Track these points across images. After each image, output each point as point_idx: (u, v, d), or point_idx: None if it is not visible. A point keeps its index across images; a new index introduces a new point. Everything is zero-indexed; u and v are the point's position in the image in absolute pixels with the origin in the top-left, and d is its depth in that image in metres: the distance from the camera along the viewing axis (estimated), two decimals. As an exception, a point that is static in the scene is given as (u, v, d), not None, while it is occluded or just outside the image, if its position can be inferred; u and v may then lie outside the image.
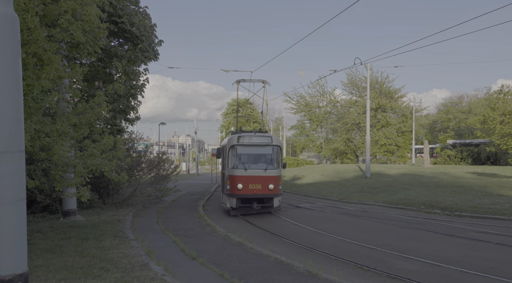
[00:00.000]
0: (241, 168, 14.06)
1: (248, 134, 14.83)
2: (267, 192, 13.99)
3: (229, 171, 14.29)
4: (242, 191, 13.81)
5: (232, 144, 14.34)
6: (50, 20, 7.39)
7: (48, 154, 7.61)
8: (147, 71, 16.08)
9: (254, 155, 14.56)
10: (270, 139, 14.55)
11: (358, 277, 7.17)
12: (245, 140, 14.33)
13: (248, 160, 14.39)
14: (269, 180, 13.96)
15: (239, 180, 13.82)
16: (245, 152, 14.42)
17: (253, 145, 14.43)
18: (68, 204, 12.13)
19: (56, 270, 6.54)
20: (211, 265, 7.36)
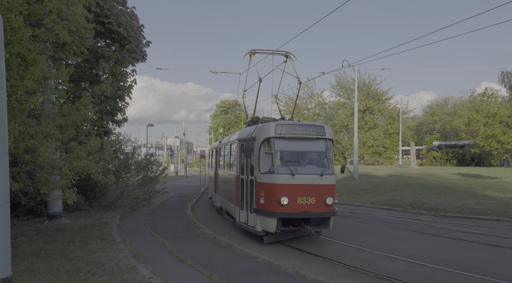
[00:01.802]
0: (285, 173, 9.38)
1: (289, 122, 10.27)
2: (324, 208, 9.48)
3: (261, 177, 9.73)
4: (288, 207, 9.21)
5: (266, 137, 9.82)
6: (34, 20, 7.28)
7: (32, 156, 7.49)
8: (134, 72, 15.95)
9: (301, 154, 10.16)
10: (322, 130, 10.23)
11: (346, 278, 7.21)
12: (287, 131, 9.89)
13: (293, 161, 9.88)
14: (326, 191, 9.56)
15: (283, 191, 9.25)
16: (288, 148, 9.90)
17: (299, 139, 9.99)
18: (53, 207, 11.94)
19: (41, 274, 6.43)
20: (199, 267, 7.32)
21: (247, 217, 10.55)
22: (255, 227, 9.96)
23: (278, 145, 9.80)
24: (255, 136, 10.18)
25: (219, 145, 16.13)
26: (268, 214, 9.43)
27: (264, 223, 9.63)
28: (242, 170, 10.98)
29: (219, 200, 15.37)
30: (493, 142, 41.83)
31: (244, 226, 10.76)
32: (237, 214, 11.26)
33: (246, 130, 11.43)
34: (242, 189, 10.93)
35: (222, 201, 14.63)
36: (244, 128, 12.43)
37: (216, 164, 16.79)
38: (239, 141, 11.32)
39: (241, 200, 10.92)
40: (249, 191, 10.39)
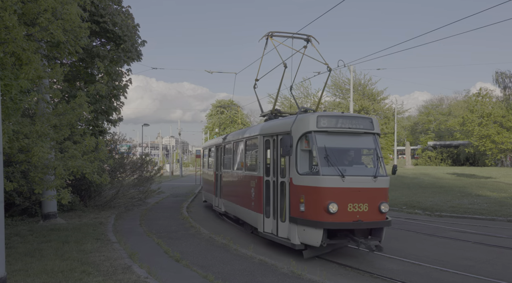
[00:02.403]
0: (333, 175, 7.89)
1: (332, 114, 8.79)
2: (378, 217, 8.05)
3: (300, 179, 8.21)
4: (337, 216, 7.71)
5: (305, 131, 8.31)
6: (29, 19, 7.23)
7: (27, 156, 7.45)
8: (130, 71, 15.90)
9: (348, 151, 8.78)
10: (370, 123, 8.76)
11: (342, 277, 7.24)
12: (330, 124, 8.35)
13: (339, 159, 8.33)
14: (381, 196, 8.15)
15: (332, 196, 7.76)
16: (332, 144, 8.32)
17: (344, 133, 8.50)
18: (48, 207, 11.88)
19: (36, 274, 6.39)
20: (195, 267, 7.31)
21: (276, 226, 9.02)
22: (290, 239, 8.39)
23: (321, 140, 8.21)
24: (291, 130, 8.51)
25: (222, 143, 14.38)
26: (311, 224, 7.87)
27: (304, 234, 8.05)
28: (268, 171, 9.50)
29: (223, 204, 13.75)
30: (488, 142, 42.13)
31: (271, 237, 9.21)
32: (260, 222, 9.56)
33: (273, 123, 9.87)
34: (267, 194, 9.43)
35: (229, 206, 12.95)
36: (265, 122, 10.77)
37: (218, 164, 15.02)
38: (263, 137, 9.76)
39: (266, 206, 9.43)
40: (279, 196, 9.01)
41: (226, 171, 13.63)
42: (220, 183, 14.37)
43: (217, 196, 14.83)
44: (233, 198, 12.39)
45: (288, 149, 8.17)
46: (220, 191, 14.42)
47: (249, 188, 10.49)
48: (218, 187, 14.74)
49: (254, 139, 10.61)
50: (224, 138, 14.33)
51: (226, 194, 13.38)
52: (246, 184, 10.81)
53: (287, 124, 8.96)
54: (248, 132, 11.47)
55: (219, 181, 14.68)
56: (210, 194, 16.29)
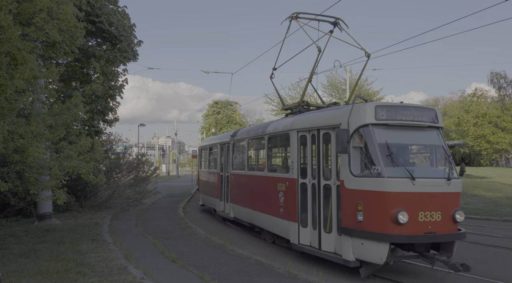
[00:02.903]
0: (400, 177, 6.59)
1: (391, 103, 7.43)
2: (452, 228, 6.83)
3: (356, 182, 6.88)
4: (407, 227, 6.41)
5: (361, 124, 7.00)
6: (24, 19, 7.20)
7: (22, 156, 7.40)
8: (126, 71, 15.88)
9: (412, 149, 7.73)
10: (434, 115, 7.46)
11: (338, 277, 7.25)
12: (390, 115, 7.05)
13: (404, 159, 7.14)
14: (454, 202, 6.95)
15: (400, 203, 6.46)
16: (394, 140, 7.06)
17: (406, 127, 7.21)
18: (43, 207, 11.82)
19: (30, 275, 6.35)
20: (191, 268, 7.30)
21: (318, 238, 7.70)
22: (341, 255, 7.06)
23: (380, 135, 6.91)
24: (348, 122, 7.07)
25: (230, 140, 12.92)
26: (372, 236, 6.53)
27: (362, 249, 6.69)
28: (304, 172, 8.25)
29: (232, 210, 12.33)
30: (483, 142, 42.37)
31: (311, 250, 7.81)
32: (294, 233, 8.20)
33: (313, 116, 8.42)
34: (303, 199, 8.12)
35: (241, 213, 11.51)
36: (298, 115, 9.15)
37: (224, 164, 13.50)
38: (297, 132, 8.43)
39: (302, 214, 8.13)
40: (322, 202, 7.70)
41: (237, 172, 12.12)
42: (228, 186, 12.85)
43: (223, 200, 13.39)
44: (248, 203, 10.90)
45: (345, 145, 6.76)
46: (227, 194, 12.91)
47: (274, 192, 9.13)
48: (224, 190, 13.26)
49: (283, 135, 9.21)
50: (233, 135, 12.75)
51: (237, 198, 11.92)
52: (270, 188, 9.42)
53: (337, 115, 7.49)
54: (272, 127, 9.88)
55: (225, 184, 13.26)
56: (212, 197, 14.77)
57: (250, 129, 11.91)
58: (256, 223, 10.56)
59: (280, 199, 8.90)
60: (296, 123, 8.67)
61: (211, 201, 14.84)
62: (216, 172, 14.17)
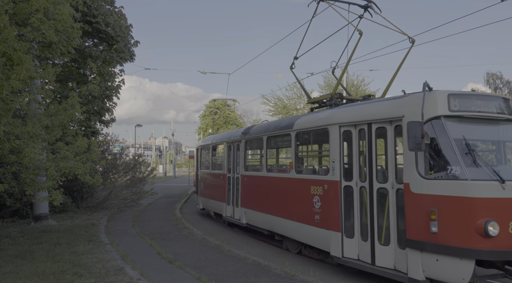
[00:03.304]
0: (486, 179, 5.62)
1: (467, 93, 6.42)
2: None
3: (427, 186, 5.85)
4: (498, 240, 5.37)
5: (432, 116, 5.96)
6: (20, 19, 7.18)
7: (18, 157, 7.38)
8: (122, 72, 15.85)
9: (492, 146, 6.61)
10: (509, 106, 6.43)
11: (335, 278, 7.27)
12: (464, 106, 6.06)
13: (486, 158, 6.27)
14: None
15: (489, 212, 5.45)
16: (473, 136, 6.14)
17: (485, 120, 6.22)
18: (39, 208, 11.77)
19: (27, 277, 6.33)
20: (188, 269, 7.29)
21: (371, 252, 6.62)
22: (408, 273, 5.98)
23: (455, 129, 5.90)
24: (404, 114, 6.16)
25: (241, 138, 11.60)
26: (454, 252, 5.46)
27: (437, 267, 5.66)
28: (349, 173, 7.16)
29: (244, 215, 11.09)
30: (479, 142, 42.50)
31: (361, 265, 6.76)
32: (336, 244, 7.09)
33: (361, 108, 7.18)
34: (348, 205, 7.06)
35: (259, 218, 10.33)
36: (340, 107, 7.89)
37: (233, 165, 12.24)
38: (339, 127, 7.24)
39: (346, 222, 7.05)
40: (376, 209, 6.60)
41: (251, 174, 11.00)
42: (238, 189, 11.63)
43: (231, 205, 12.15)
44: (267, 208, 9.79)
45: (419, 141, 5.59)
46: (237, 198, 11.72)
47: (306, 196, 8.03)
48: (234, 194, 12.04)
49: (318, 131, 8.07)
50: (246, 132, 11.50)
51: (252, 203, 10.69)
52: (299, 191, 8.38)
53: (398, 106, 6.39)
54: (301, 122, 8.65)
55: (234, 187, 12.05)
56: (216, 201, 13.45)
57: (268, 125, 10.59)
58: (277, 230, 9.34)
59: (315, 205, 7.76)
60: (336, 116, 7.49)
61: (216, 205, 13.52)
62: (222, 173, 12.92)
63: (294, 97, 61.38)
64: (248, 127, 11.82)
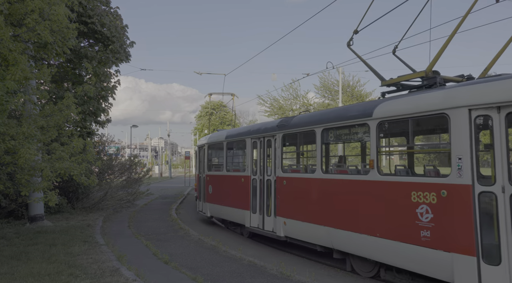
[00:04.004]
0: None
1: None
2: None
3: None
4: None
5: None
6: (15, 19, 7.16)
7: (13, 158, 7.35)
8: (118, 72, 15.83)
9: None
10: None
11: (331, 278, 7.30)
12: None
13: None
14: None
15: None
16: None
17: None
18: (34, 209, 11.73)
19: (22, 278, 6.31)
20: (184, 269, 7.30)
21: None
22: None
23: None
24: None
25: (276, 132, 9.71)
26: None
27: None
28: (486, 174, 5.93)
29: (284, 226, 9.16)
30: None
31: None
32: (470, 272, 5.28)
33: (495, 84, 5.43)
34: (487, 219, 5.38)
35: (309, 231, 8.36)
36: (465, 85, 5.82)
37: (263, 166, 10.25)
38: (470, 111, 5.54)
39: (486, 242, 5.36)
40: None
41: (296, 176, 9.22)
42: (273, 194, 9.67)
43: (259, 213, 10.23)
44: (325, 219, 7.89)
45: None
46: (271, 206, 9.71)
47: (401, 205, 6.29)
48: (263, 200, 10.09)
49: (425, 118, 6.25)
50: (284, 125, 9.54)
51: (299, 211, 8.75)
52: (387, 198, 6.60)
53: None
54: (385, 109, 6.82)
55: (263, 191, 10.11)
56: (234, 208, 11.37)
57: (321, 114, 8.76)
58: (341, 247, 7.54)
59: (421, 217, 6.01)
60: (463, 96, 5.63)
61: (232, 213, 11.48)
62: (244, 175, 10.95)
63: (290, 98, 61.35)
64: (285, 119, 9.83)
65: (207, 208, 13.39)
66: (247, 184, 10.71)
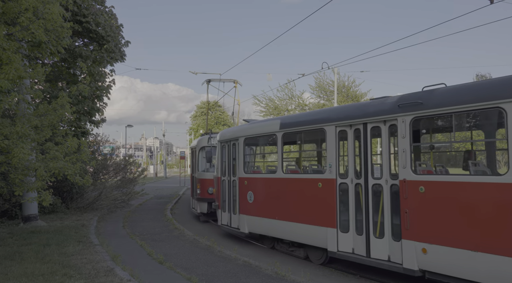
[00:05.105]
0: None
1: None
2: None
3: None
4: None
5: None
6: (9, 18, 7.12)
7: (7, 157, 7.30)
8: (113, 72, 15.77)
9: None
10: None
11: (325, 278, 7.32)
12: None
13: None
14: None
15: None
16: None
17: None
18: (28, 209, 11.66)
19: (15, 278, 6.27)
20: (178, 269, 7.29)
21: None
22: None
23: None
24: None
25: (403, 113, 6.67)
26: None
27: None
28: None
29: (422, 256, 6.20)
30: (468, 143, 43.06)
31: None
32: None
33: None
34: None
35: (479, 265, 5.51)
36: None
37: (367, 166, 7.22)
38: None
39: None
40: None
41: (448, 179, 6.13)
42: (389, 207, 6.78)
43: (358, 234, 7.24)
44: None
45: None
46: (402, 224, 6.48)
47: None
48: (373, 215, 7.01)
49: None
50: (417, 103, 6.47)
51: (452, 235, 5.86)
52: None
53: None
54: None
55: (370, 202, 7.07)
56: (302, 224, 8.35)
57: (478, 85, 6.21)
58: None
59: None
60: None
61: (298, 230, 8.42)
62: (324, 178, 7.93)
63: (286, 98, 61.36)
64: (416, 94, 6.74)
65: (244, 223, 10.08)
66: (330, 190, 7.75)
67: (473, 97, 5.80)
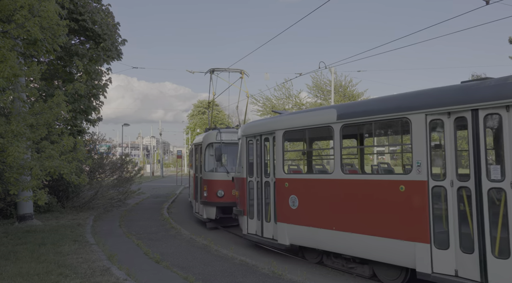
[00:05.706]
0: None
1: None
2: None
3: None
4: None
5: None
6: (4, 15, 7.06)
7: (2, 156, 7.24)
8: (110, 70, 15.69)
9: None
10: None
11: (322, 277, 7.31)
12: None
13: None
14: None
15: None
16: None
17: None
18: (23, 208, 11.59)
19: (10, 277, 6.23)
20: (175, 269, 7.26)
21: None
22: None
23: None
24: None
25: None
26: None
27: None
28: None
29: None
30: (464, 143, 43.21)
31: None
32: None
33: None
34: None
35: None
36: None
37: (477, 162, 5.63)
38: None
39: None
40: None
41: None
42: None
43: (486, 254, 5.44)
44: None
45: None
46: None
47: None
48: (491, 229, 5.44)
49: None
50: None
51: None
52: None
53: None
54: None
55: (486, 212, 5.48)
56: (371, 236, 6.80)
57: None
58: None
59: None
60: None
61: (376, 245, 6.73)
62: (407, 181, 6.40)
63: (283, 97, 61.33)
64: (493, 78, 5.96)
65: (284, 232, 8.52)
66: (419, 195, 6.21)
67: None
